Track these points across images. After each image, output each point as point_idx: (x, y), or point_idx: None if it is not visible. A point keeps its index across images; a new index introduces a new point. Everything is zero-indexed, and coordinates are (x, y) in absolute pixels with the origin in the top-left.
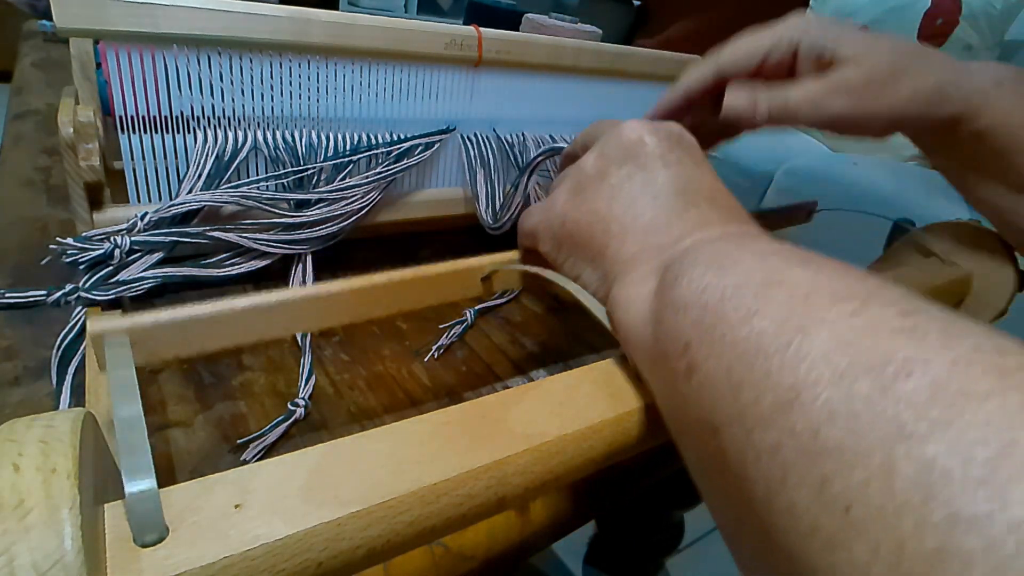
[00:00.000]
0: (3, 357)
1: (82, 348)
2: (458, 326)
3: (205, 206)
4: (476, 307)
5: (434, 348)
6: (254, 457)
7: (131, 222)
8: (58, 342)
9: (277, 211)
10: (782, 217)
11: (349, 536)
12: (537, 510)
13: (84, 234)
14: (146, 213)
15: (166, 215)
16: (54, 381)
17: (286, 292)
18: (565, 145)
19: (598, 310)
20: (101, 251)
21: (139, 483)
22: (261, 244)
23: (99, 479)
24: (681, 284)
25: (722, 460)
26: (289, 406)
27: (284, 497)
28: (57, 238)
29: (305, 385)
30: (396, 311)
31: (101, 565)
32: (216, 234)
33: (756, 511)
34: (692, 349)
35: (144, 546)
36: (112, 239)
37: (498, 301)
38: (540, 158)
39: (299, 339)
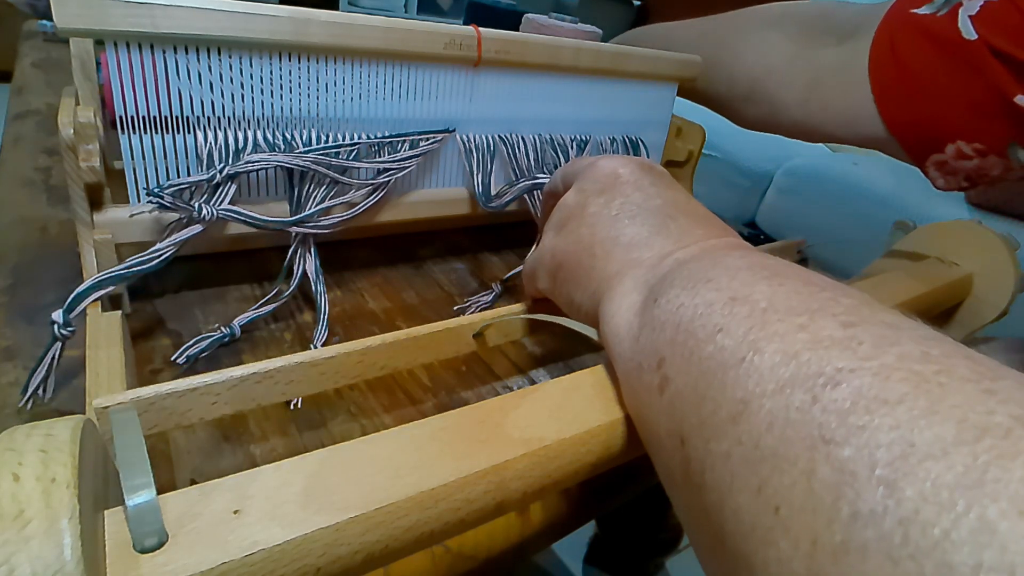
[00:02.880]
0: (3, 357)
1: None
2: (486, 296)
3: (275, 165)
4: (504, 277)
5: (458, 308)
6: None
7: (211, 174)
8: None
9: (344, 179)
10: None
11: (348, 542)
12: (537, 510)
13: (173, 185)
14: (225, 166)
15: (242, 170)
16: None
17: (282, 360)
18: (546, 179)
19: (590, 332)
20: (189, 211)
21: (139, 491)
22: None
23: (99, 485)
24: (659, 304)
25: (686, 470)
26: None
27: (282, 503)
28: (153, 189)
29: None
30: (391, 372)
31: (101, 572)
32: (297, 229)
33: (711, 517)
34: (665, 365)
35: (143, 552)
36: (200, 206)
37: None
38: (521, 193)
39: (314, 287)
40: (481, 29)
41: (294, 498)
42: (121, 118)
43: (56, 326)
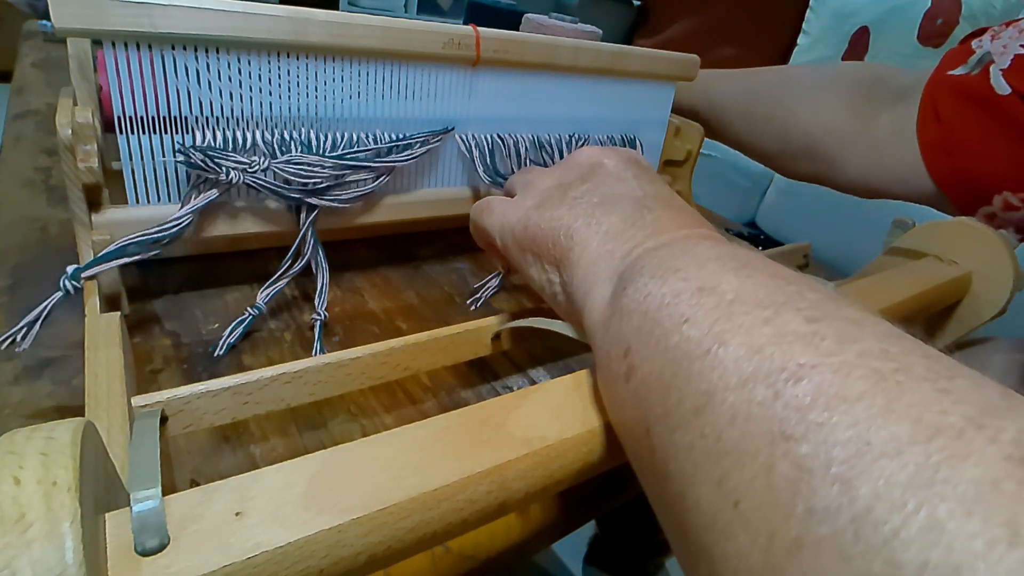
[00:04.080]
0: (3, 357)
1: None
2: (494, 280)
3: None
4: None
5: (471, 301)
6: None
7: (252, 162)
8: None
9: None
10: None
11: (350, 543)
12: (537, 510)
13: (210, 150)
14: (268, 162)
15: (282, 170)
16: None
17: (310, 361)
18: None
19: (580, 336)
20: (217, 172)
21: (146, 495)
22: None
23: (100, 487)
24: (627, 293)
25: (651, 459)
26: (312, 316)
27: (285, 504)
28: (187, 149)
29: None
30: (414, 372)
31: (102, 575)
32: (316, 201)
33: (675, 506)
34: (632, 353)
35: (145, 555)
36: (227, 169)
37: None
38: None
39: (314, 269)
40: (480, 28)
41: (296, 499)
42: (119, 118)
43: (64, 278)
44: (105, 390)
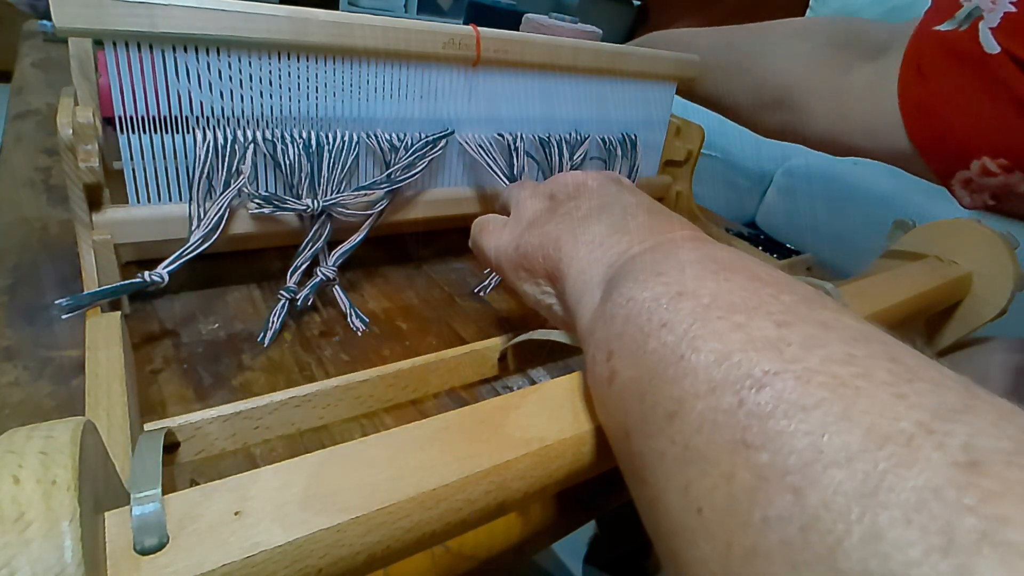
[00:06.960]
0: (3, 357)
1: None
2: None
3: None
4: None
5: (479, 288)
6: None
7: (304, 206)
8: None
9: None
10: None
11: (349, 543)
12: (537, 510)
13: (278, 203)
14: (325, 207)
15: (331, 205)
16: None
17: (318, 385)
18: None
19: (575, 342)
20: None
21: (145, 493)
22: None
23: (99, 486)
24: (613, 297)
25: (631, 463)
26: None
27: (283, 504)
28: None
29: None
30: (421, 395)
31: (101, 575)
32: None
33: (651, 512)
34: (614, 357)
35: (144, 554)
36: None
37: None
38: None
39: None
40: (480, 28)
41: (295, 499)
42: (120, 118)
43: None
44: (105, 390)
